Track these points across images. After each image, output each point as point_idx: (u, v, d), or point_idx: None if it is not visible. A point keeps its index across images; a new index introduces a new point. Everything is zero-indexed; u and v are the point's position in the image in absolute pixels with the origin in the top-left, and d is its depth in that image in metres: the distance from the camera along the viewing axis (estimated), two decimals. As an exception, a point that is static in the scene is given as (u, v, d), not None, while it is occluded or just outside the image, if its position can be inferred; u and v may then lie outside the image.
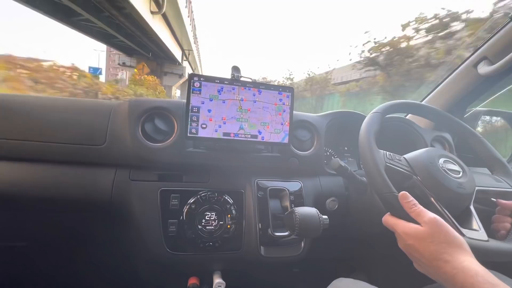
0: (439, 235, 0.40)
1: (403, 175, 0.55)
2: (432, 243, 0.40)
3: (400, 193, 0.47)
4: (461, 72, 0.92)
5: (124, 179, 0.65)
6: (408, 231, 0.44)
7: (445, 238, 0.40)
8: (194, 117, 0.64)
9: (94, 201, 0.64)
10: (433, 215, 0.43)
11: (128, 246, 0.74)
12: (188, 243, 0.65)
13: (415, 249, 0.42)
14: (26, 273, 0.84)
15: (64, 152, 0.64)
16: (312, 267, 0.96)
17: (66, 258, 0.83)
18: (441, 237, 0.40)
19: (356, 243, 0.93)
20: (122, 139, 0.65)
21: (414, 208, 0.44)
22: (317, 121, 0.83)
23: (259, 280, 0.85)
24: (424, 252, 0.41)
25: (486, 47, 0.83)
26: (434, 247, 0.40)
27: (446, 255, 0.38)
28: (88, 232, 0.75)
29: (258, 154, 0.74)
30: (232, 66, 0.71)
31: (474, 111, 1.03)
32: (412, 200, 0.46)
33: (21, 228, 0.71)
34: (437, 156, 0.58)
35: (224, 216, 0.68)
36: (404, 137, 0.89)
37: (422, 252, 0.41)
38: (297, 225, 0.56)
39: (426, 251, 0.40)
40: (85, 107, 0.69)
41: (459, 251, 0.39)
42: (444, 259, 0.38)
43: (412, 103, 0.71)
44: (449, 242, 0.40)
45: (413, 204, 0.45)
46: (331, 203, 0.79)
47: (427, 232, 0.41)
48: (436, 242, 0.40)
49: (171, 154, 0.66)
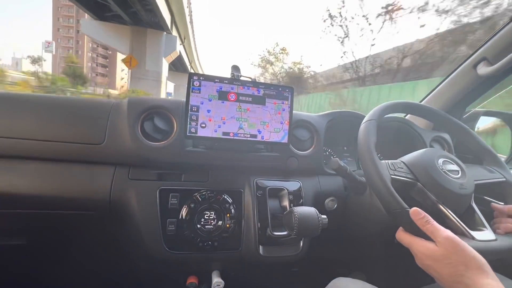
0: (455, 256, 0.39)
1: (408, 183, 0.55)
2: (450, 264, 0.39)
3: (412, 209, 0.46)
4: (460, 73, 0.92)
5: (123, 178, 0.65)
6: (424, 251, 0.43)
7: (463, 259, 0.39)
8: (193, 116, 0.64)
9: (93, 200, 0.64)
10: (447, 233, 0.41)
11: (127, 245, 0.73)
12: (187, 242, 0.65)
13: (434, 270, 0.41)
14: (23, 272, 0.84)
15: (63, 151, 0.63)
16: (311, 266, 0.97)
17: (64, 257, 0.83)
18: (458, 259, 0.39)
19: (355, 243, 0.93)
20: (122, 138, 0.65)
21: (428, 226, 0.43)
22: (317, 120, 0.83)
23: (258, 279, 0.85)
24: (443, 273, 0.40)
25: (485, 47, 0.83)
26: (453, 269, 0.39)
27: (466, 279, 0.37)
28: (87, 230, 0.75)
29: (257, 154, 0.74)
30: (231, 66, 0.71)
31: (473, 112, 1.03)
32: (424, 216, 0.44)
33: (19, 227, 0.71)
34: (436, 157, 0.58)
35: (223, 216, 0.68)
36: (403, 137, 0.89)
37: (440, 273, 0.40)
38: (296, 225, 0.56)
39: (445, 273, 0.39)
40: (84, 106, 0.69)
41: (479, 274, 0.37)
42: (464, 283, 0.37)
43: (408, 104, 0.71)
44: (467, 264, 0.38)
45: (426, 221, 0.44)
46: (330, 203, 0.79)
47: (443, 253, 0.40)
48: (453, 264, 0.39)
49: (171, 153, 0.66)
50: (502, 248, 0.48)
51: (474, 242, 0.47)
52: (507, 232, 0.53)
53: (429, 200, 0.53)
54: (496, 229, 0.54)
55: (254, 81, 0.70)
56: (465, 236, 0.48)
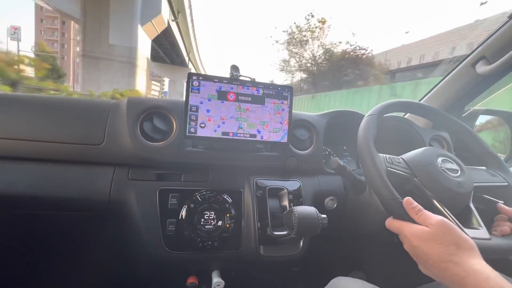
0: (448, 236, 0.39)
1: (404, 177, 0.55)
2: (441, 244, 0.39)
3: (405, 199, 0.46)
4: (459, 72, 0.92)
5: (122, 178, 0.65)
6: (414, 232, 0.43)
7: (454, 239, 0.39)
8: (193, 116, 0.64)
9: (93, 200, 0.64)
10: (441, 217, 0.42)
11: (127, 245, 0.73)
12: (186, 243, 0.65)
13: (422, 251, 0.41)
14: (23, 273, 0.84)
15: (63, 152, 0.63)
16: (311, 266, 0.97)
17: (64, 257, 0.83)
18: (450, 239, 0.39)
19: (354, 242, 0.94)
20: (121, 138, 0.65)
21: (420, 213, 0.44)
22: (316, 120, 0.83)
23: (258, 279, 0.85)
24: (432, 254, 0.40)
25: (484, 46, 0.83)
26: (443, 248, 0.39)
27: (455, 257, 0.38)
28: (87, 231, 0.75)
29: (257, 153, 0.74)
30: (231, 65, 0.71)
31: (472, 111, 1.03)
32: (417, 206, 0.45)
33: (19, 228, 0.71)
34: (435, 156, 0.58)
35: (223, 216, 0.68)
36: (402, 136, 0.89)
37: (429, 254, 0.40)
38: (295, 224, 0.56)
39: (434, 252, 0.40)
40: (84, 106, 0.69)
41: (469, 254, 0.38)
42: (453, 261, 0.37)
43: (408, 102, 0.71)
44: (458, 244, 0.39)
45: (419, 209, 0.44)
46: (330, 202, 0.80)
47: (435, 233, 0.40)
48: (444, 244, 0.39)
49: (170, 153, 0.66)
50: (495, 248, 0.48)
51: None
52: (504, 235, 0.53)
53: (424, 196, 0.53)
54: (493, 231, 0.55)
55: (253, 80, 0.70)
56: None
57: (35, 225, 0.70)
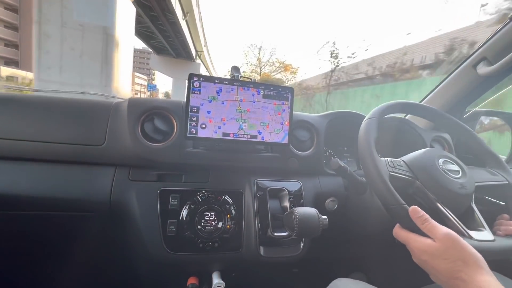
0: (454, 251, 0.39)
1: (406, 181, 0.55)
2: (447, 260, 0.39)
3: (411, 208, 0.46)
4: (460, 73, 0.92)
5: (123, 179, 0.65)
6: (421, 247, 0.42)
7: (461, 254, 0.38)
8: (193, 117, 0.64)
9: (93, 201, 0.64)
10: (446, 230, 0.41)
11: (127, 246, 0.73)
12: (187, 243, 0.65)
13: (431, 266, 0.41)
14: (24, 273, 0.84)
15: (63, 152, 0.63)
16: (311, 267, 0.97)
17: (64, 258, 0.83)
18: (456, 254, 0.38)
19: (355, 243, 0.93)
20: (122, 139, 0.65)
21: (426, 223, 0.43)
22: (317, 121, 0.83)
23: (259, 280, 0.85)
24: (440, 269, 0.39)
25: (485, 47, 0.83)
26: (449, 265, 0.38)
27: (463, 274, 0.37)
28: (87, 232, 0.75)
29: (257, 154, 0.74)
30: (231, 66, 0.71)
31: (473, 112, 1.03)
32: (423, 215, 0.44)
33: (19, 228, 0.71)
34: (436, 157, 0.58)
35: (224, 216, 0.68)
36: (403, 137, 0.89)
37: (437, 269, 0.40)
38: (296, 225, 0.56)
39: (442, 268, 0.39)
40: (85, 107, 0.69)
41: (476, 270, 0.37)
42: (461, 278, 0.37)
43: (408, 103, 0.71)
44: (464, 259, 0.38)
45: (425, 219, 0.43)
46: (331, 203, 0.79)
47: (441, 248, 0.40)
48: (451, 259, 0.38)
49: (171, 154, 0.66)
50: (500, 249, 0.48)
51: (472, 241, 0.47)
52: (507, 235, 0.53)
53: (427, 199, 0.53)
54: (497, 231, 0.54)
55: (253, 82, 0.70)
56: (463, 235, 0.48)
57: (35, 226, 0.70)
